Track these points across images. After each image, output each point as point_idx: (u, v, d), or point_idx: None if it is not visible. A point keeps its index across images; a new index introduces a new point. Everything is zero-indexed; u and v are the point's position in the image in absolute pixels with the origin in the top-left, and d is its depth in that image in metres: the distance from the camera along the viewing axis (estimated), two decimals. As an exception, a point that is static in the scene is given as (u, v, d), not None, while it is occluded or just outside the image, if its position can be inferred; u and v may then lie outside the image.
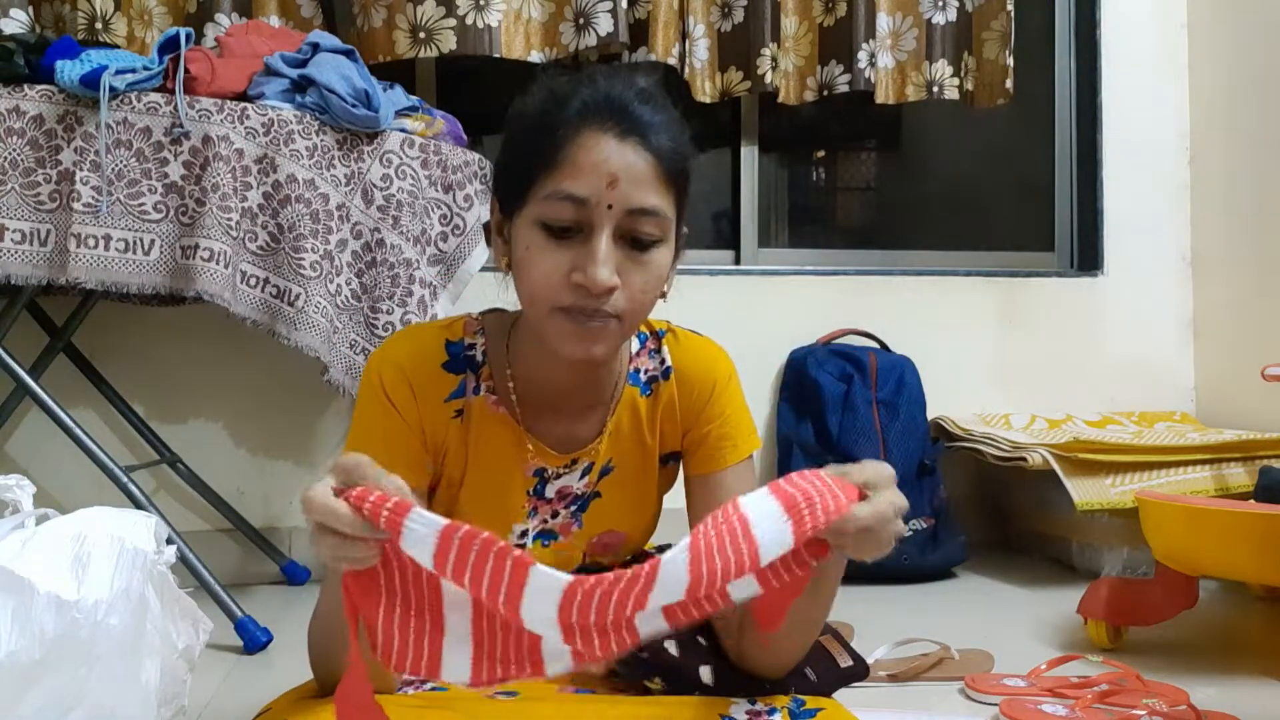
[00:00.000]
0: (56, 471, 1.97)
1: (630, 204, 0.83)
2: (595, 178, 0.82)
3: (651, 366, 1.01)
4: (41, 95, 1.60)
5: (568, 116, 0.84)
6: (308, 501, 0.66)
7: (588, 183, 0.82)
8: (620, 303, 0.84)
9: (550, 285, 0.83)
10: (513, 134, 0.90)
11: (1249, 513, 1.51)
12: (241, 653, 1.60)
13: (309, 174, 1.68)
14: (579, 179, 0.82)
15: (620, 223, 0.83)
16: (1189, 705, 1.30)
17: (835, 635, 1.06)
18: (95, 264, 1.58)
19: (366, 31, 2.14)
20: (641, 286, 0.85)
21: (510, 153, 0.90)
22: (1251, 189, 2.47)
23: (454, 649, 0.70)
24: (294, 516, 2.18)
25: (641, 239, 0.85)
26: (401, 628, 0.69)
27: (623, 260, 0.84)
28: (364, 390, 0.94)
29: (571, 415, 0.98)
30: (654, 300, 0.88)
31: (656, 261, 0.86)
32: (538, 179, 0.84)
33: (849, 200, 2.96)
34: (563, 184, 0.83)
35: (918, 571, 2.13)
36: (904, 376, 2.29)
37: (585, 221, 0.83)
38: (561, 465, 0.98)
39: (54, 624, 0.90)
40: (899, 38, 2.50)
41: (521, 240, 0.86)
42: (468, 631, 0.70)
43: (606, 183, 0.82)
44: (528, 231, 0.85)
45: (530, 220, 0.85)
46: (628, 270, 0.84)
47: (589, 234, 0.83)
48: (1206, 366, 2.62)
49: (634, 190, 0.83)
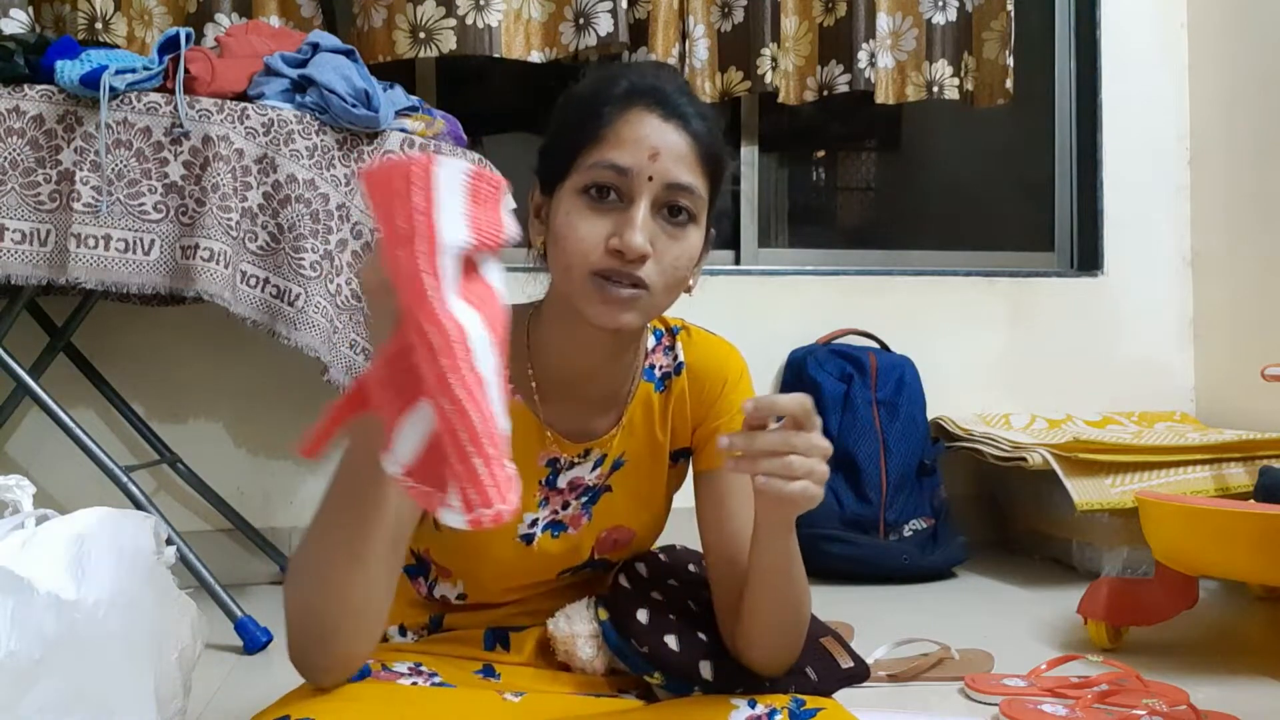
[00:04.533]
0: (56, 471, 1.97)
1: (669, 178, 0.86)
2: (638, 150, 0.86)
3: (665, 363, 1.02)
4: (41, 95, 1.60)
5: (615, 95, 0.89)
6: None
7: (631, 154, 0.86)
8: (651, 273, 0.86)
9: (587, 248, 0.86)
10: (561, 115, 0.93)
11: (1249, 513, 1.51)
12: (241, 653, 1.60)
13: (309, 174, 1.68)
14: (623, 150, 0.86)
15: (658, 195, 0.86)
16: (1189, 705, 1.30)
17: (835, 636, 1.06)
18: (95, 264, 1.58)
19: (366, 31, 2.14)
20: (673, 261, 0.88)
21: (557, 132, 0.93)
22: (1251, 189, 2.47)
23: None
24: (294, 516, 2.18)
25: (678, 211, 0.88)
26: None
27: (658, 233, 0.87)
28: None
29: (589, 406, 0.99)
30: (683, 280, 0.90)
31: (689, 239, 0.89)
32: (582, 152, 0.88)
33: (849, 200, 2.96)
34: (607, 154, 0.86)
35: (918, 571, 2.13)
36: (904, 376, 2.29)
37: (625, 191, 0.86)
38: (575, 455, 0.98)
39: (54, 624, 0.90)
40: (899, 38, 2.50)
41: (562, 209, 0.88)
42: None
43: (649, 155, 0.86)
44: (569, 200, 0.88)
45: (573, 189, 0.88)
46: (662, 242, 0.87)
47: (628, 204, 0.86)
48: (1206, 366, 2.62)
49: (673, 165, 0.87)
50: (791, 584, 0.89)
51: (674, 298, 0.92)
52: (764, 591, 0.89)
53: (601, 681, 0.98)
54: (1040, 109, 2.73)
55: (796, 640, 0.94)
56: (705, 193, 0.90)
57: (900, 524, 2.17)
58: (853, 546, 2.12)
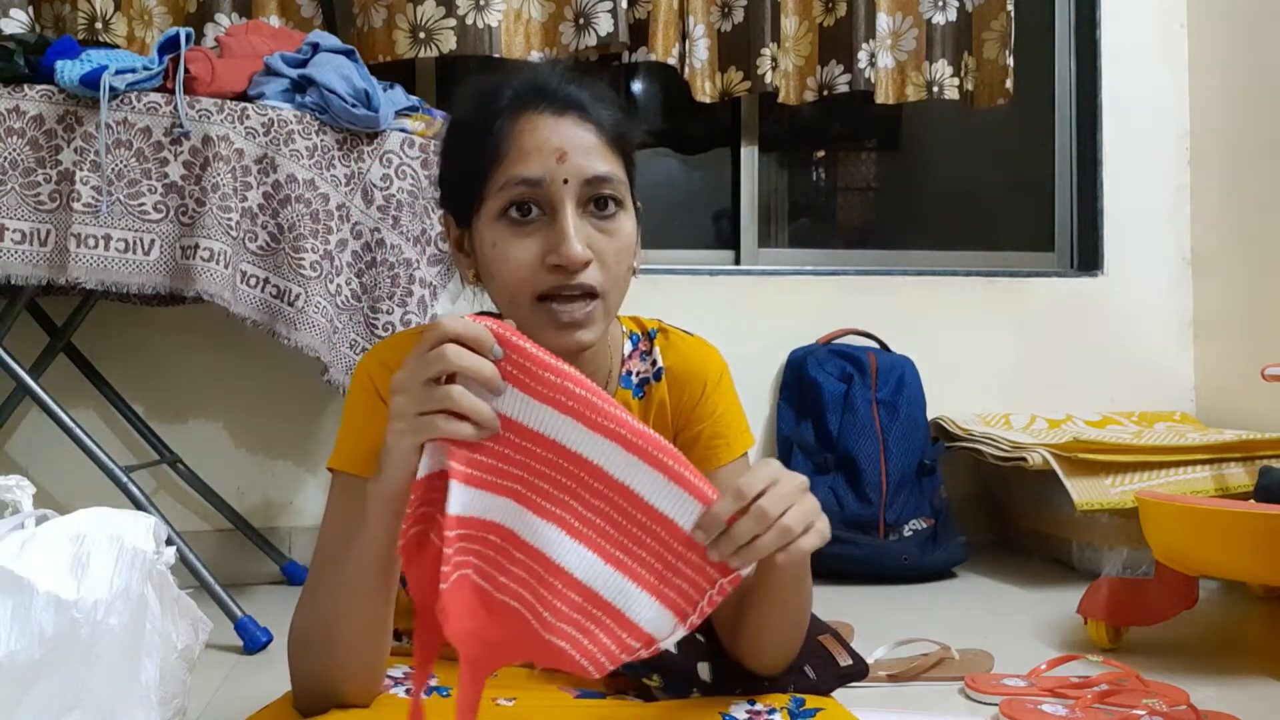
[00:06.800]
0: (56, 471, 1.97)
1: (585, 174, 0.83)
2: (544, 156, 0.82)
3: (643, 368, 1.00)
4: (41, 95, 1.60)
5: (502, 107, 0.85)
6: (438, 324, 0.69)
7: (538, 162, 0.82)
8: (598, 276, 0.84)
9: (525, 274, 0.83)
10: (452, 144, 0.90)
11: (1249, 513, 1.51)
12: (241, 653, 1.60)
13: (309, 174, 1.68)
14: (529, 161, 0.82)
15: (580, 194, 0.83)
16: (1189, 705, 1.30)
17: (835, 635, 1.05)
18: (95, 264, 1.58)
19: (366, 31, 2.14)
20: (615, 258, 0.85)
21: (452, 162, 0.90)
22: (1251, 189, 2.47)
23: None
24: (294, 516, 2.19)
25: (604, 204, 0.85)
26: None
27: (591, 234, 0.84)
28: (354, 390, 0.94)
29: None
30: (628, 272, 0.88)
31: (623, 229, 0.86)
32: (488, 175, 0.84)
33: (849, 200, 2.96)
34: (514, 170, 0.83)
35: (918, 571, 2.13)
36: (904, 376, 2.29)
37: (545, 202, 0.83)
38: None
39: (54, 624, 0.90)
40: (899, 38, 2.50)
41: (486, 240, 0.85)
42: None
43: (556, 158, 0.82)
44: (490, 229, 0.85)
45: (490, 217, 0.85)
46: (599, 241, 0.84)
47: (553, 214, 0.83)
48: (1206, 366, 2.62)
49: (585, 159, 0.83)
50: (800, 594, 0.88)
51: (624, 291, 0.89)
52: (772, 604, 0.88)
53: (599, 683, 0.98)
54: (1040, 109, 2.73)
55: (798, 641, 0.93)
56: (624, 174, 0.87)
57: (900, 524, 2.17)
58: (853, 546, 2.12)
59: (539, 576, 0.69)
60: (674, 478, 0.68)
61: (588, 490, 0.69)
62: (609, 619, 0.69)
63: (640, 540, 0.69)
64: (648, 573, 0.69)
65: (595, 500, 0.69)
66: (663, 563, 0.69)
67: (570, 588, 0.69)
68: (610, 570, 0.69)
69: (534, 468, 0.69)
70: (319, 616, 0.83)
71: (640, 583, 0.69)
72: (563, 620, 0.69)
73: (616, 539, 0.69)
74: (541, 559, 0.69)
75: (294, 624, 0.87)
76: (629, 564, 0.69)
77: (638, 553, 0.69)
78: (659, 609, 0.69)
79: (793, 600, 0.89)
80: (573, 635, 0.69)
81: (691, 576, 0.69)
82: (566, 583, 0.69)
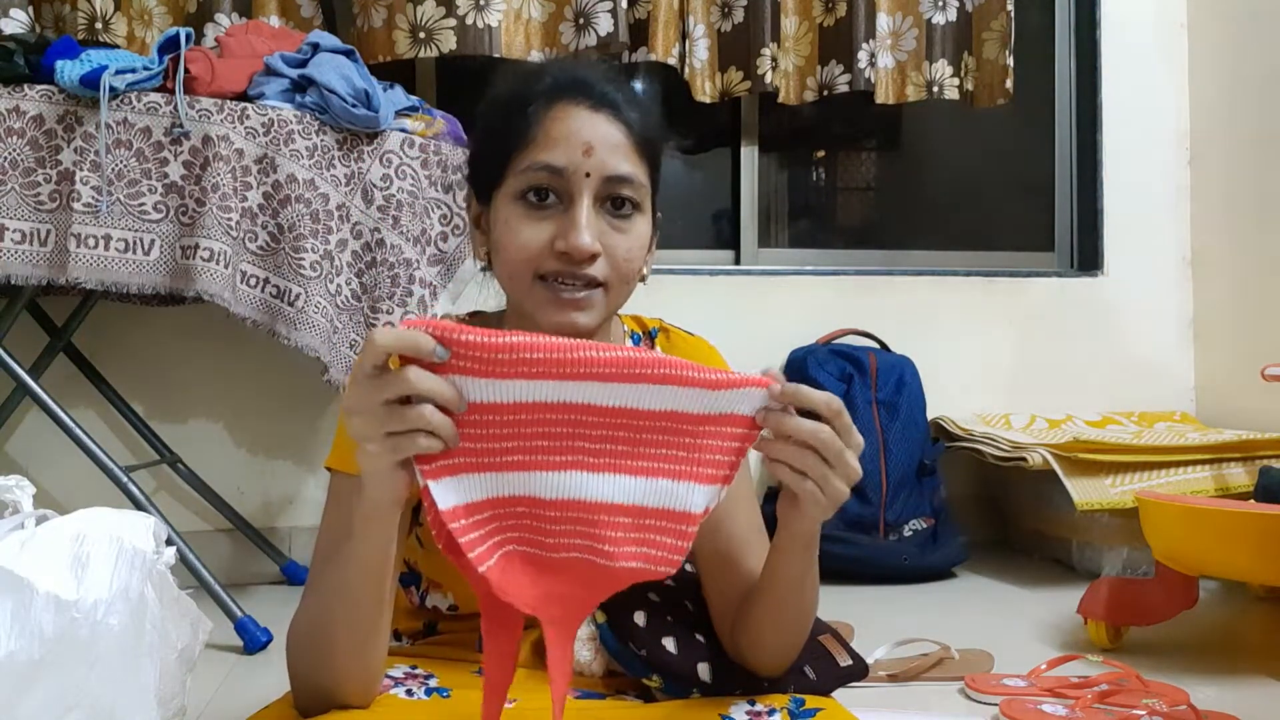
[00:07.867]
0: (56, 471, 1.97)
1: (607, 171, 0.84)
2: (571, 147, 0.83)
3: None
4: (41, 95, 1.60)
5: (539, 92, 0.86)
6: (371, 341, 0.67)
7: (564, 152, 0.83)
8: (604, 270, 0.84)
9: (530, 253, 0.84)
10: (485, 121, 0.91)
11: (1249, 513, 1.51)
12: (241, 653, 1.60)
13: (309, 174, 1.68)
14: (555, 149, 0.83)
15: (599, 190, 0.84)
16: (1189, 705, 1.30)
17: (835, 635, 1.05)
18: (95, 264, 1.58)
19: (366, 31, 2.14)
20: (625, 255, 0.85)
21: (484, 139, 0.91)
22: (1251, 189, 2.47)
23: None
24: (294, 516, 2.19)
25: (621, 204, 0.85)
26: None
27: (604, 229, 0.84)
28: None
29: None
30: (637, 272, 0.88)
31: (637, 230, 0.87)
32: (514, 156, 0.85)
33: (849, 200, 2.96)
34: (539, 156, 0.83)
35: (918, 571, 2.13)
36: (904, 376, 2.29)
37: (564, 191, 0.84)
38: None
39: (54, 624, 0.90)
40: (899, 38, 2.50)
41: (500, 217, 0.86)
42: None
43: (582, 151, 0.83)
44: (506, 207, 0.85)
45: (509, 196, 0.85)
46: (610, 237, 0.85)
47: (569, 204, 0.84)
48: (1206, 366, 2.62)
49: (610, 157, 0.84)
50: (805, 594, 0.88)
51: (629, 290, 0.89)
52: (777, 602, 0.87)
53: (599, 684, 0.98)
54: (1040, 109, 2.73)
55: (800, 642, 0.93)
56: (647, 179, 0.87)
57: (900, 524, 2.17)
58: (853, 546, 2.12)
59: (583, 520, 0.71)
60: (655, 380, 0.69)
61: (586, 427, 0.70)
62: (663, 520, 0.72)
63: (656, 442, 0.71)
64: (677, 465, 0.72)
65: (597, 431, 0.70)
66: (685, 449, 0.72)
67: (616, 514, 0.71)
68: (645, 481, 0.71)
69: (526, 434, 0.70)
70: (316, 618, 0.83)
71: (675, 476, 0.72)
72: (624, 545, 0.71)
73: (635, 453, 0.71)
74: (576, 505, 0.71)
75: (293, 624, 0.87)
76: (658, 467, 0.72)
77: (659, 454, 0.72)
78: (701, 489, 0.72)
79: (799, 600, 0.88)
80: (640, 553, 0.72)
81: (717, 445, 0.72)
82: (610, 511, 0.71)
